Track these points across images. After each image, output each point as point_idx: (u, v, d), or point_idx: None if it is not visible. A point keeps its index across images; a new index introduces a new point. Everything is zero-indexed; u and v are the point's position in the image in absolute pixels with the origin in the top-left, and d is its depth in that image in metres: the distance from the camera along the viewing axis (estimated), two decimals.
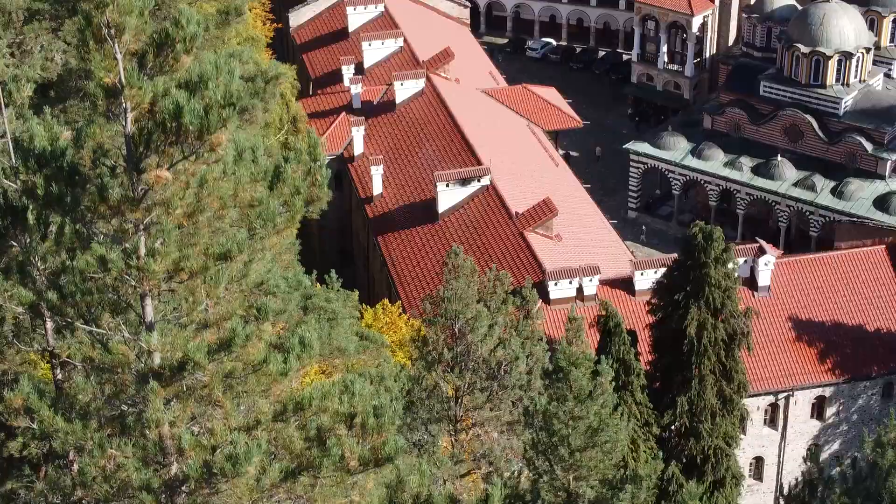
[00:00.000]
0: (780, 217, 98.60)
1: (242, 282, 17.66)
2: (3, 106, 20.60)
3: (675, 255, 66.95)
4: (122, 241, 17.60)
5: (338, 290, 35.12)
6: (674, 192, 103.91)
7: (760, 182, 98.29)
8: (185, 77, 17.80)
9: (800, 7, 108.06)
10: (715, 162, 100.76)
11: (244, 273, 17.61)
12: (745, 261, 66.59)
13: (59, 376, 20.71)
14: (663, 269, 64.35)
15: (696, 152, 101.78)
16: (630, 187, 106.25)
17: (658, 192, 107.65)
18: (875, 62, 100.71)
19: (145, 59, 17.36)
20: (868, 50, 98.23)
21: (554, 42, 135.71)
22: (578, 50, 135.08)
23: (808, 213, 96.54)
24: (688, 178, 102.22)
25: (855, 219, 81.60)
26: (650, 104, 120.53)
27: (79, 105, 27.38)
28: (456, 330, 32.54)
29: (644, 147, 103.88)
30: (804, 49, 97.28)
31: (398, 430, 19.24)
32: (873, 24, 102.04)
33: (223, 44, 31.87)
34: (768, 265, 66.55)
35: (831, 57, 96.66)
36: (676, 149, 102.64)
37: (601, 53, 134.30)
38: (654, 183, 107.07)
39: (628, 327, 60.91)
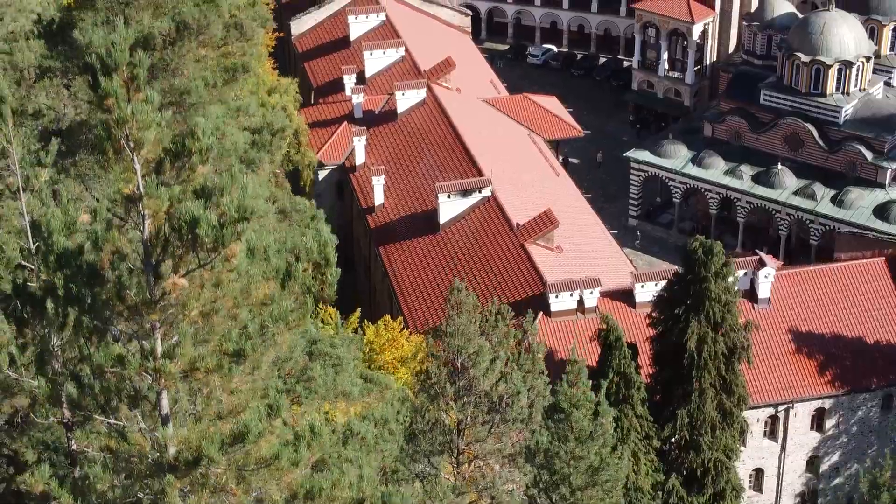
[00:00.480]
0: (780, 225, 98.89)
1: (255, 374, 17.97)
2: (21, 189, 20.94)
3: (676, 267, 67.47)
4: (139, 338, 18.02)
5: (342, 334, 35.37)
6: (674, 199, 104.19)
7: (761, 190, 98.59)
8: (200, 184, 18.14)
9: (800, 15, 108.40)
10: (715, 170, 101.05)
11: (257, 365, 17.92)
12: (746, 273, 66.89)
13: (77, 465, 21.01)
14: (664, 282, 64.64)
15: (696, 160, 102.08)
16: (630, 195, 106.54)
17: (659, 200, 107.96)
18: (875, 70, 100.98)
19: (162, 167, 17.70)
20: (868, 59, 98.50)
21: (555, 48, 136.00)
22: (579, 56, 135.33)
23: (808, 221, 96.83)
24: (688, 186, 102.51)
25: (855, 229, 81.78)
26: (651, 111, 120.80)
27: (88, 158, 27.71)
28: (458, 364, 32.86)
29: (645, 155, 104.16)
30: (804, 58, 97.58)
31: (400, 461, 19.52)
32: (873, 33, 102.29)
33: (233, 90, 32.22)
34: (768, 277, 66.84)
35: (831, 66, 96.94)
36: (677, 157, 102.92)
37: (602, 60, 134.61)
38: (654, 190, 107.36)
39: (629, 340, 61.29)
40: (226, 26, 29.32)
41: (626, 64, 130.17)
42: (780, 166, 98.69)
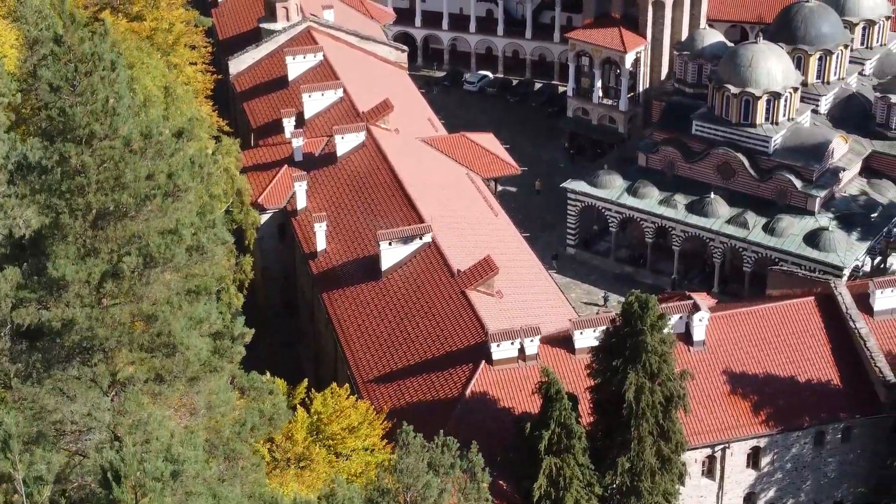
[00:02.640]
0: (714, 253, 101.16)
1: None
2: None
3: (613, 313, 69.30)
4: None
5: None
6: (611, 228, 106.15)
7: (694, 219, 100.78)
8: None
9: (729, 44, 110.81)
10: (650, 199, 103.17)
11: None
12: (681, 317, 68.70)
13: None
14: (602, 328, 66.41)
15: (631, 190, 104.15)
16: (568, 224, 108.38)
17: (595, 228, 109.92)
18: (802, 99, 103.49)
19: None
20: (795, 89, 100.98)
21: (490, 75, 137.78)
22: (515, 82, 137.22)
23: (741, 249, 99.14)
24: (624, 215, 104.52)
25: (786, 267, 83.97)
26: (586, 138, 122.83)
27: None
28: (408, 499, 34.18)
29: (581, 185, 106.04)
30: (734, 90, 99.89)
31: None
32: (800, 63, 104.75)
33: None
34: (703, 321, 68.74)
35: (760, 97, 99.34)
36: (612, 187, 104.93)
37: (537, 86, 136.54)
38: (592, 219, 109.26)
39: (570, 386, 63.07)
40: (188, 249, 30.44)
41: (560, 89, 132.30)
42: (712, 195, 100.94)
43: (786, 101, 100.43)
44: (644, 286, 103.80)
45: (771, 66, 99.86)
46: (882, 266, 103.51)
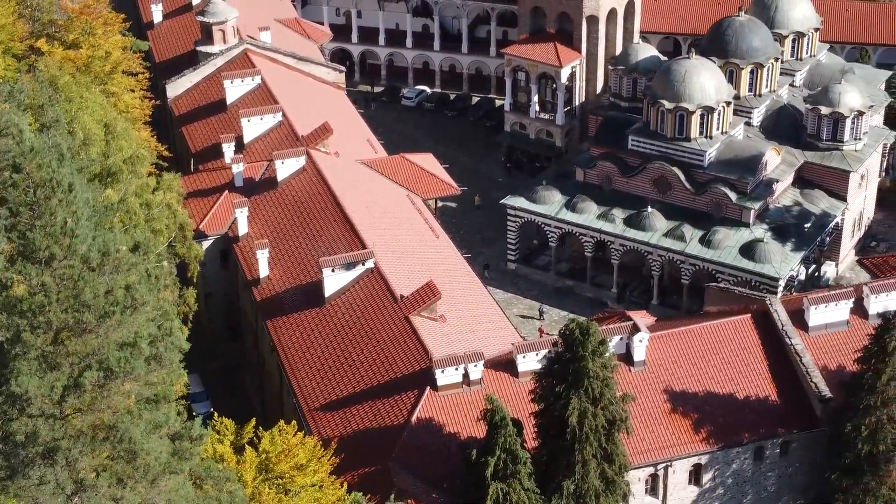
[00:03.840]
0: (653, 266, 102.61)
1: None
2: None
3: (554, 336, 70.35)
4: None
5: None
6: (550, 243, 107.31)
7: (632, 233, 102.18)
8: None
9: (663, 58, 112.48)
10: (588, 214, 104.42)
11: None
12: (621, 338, 69.85)
13: None
14: (544, 351, 67.56)
15: (570, 205, 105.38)
16: (508, 239, 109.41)
17: (535, 243, 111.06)
18: (735, 112, 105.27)
19: None
20: (728, 103, 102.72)
21: (428, 90, 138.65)
22: (452, 97, 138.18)
23: (679, 261, 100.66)
24: (563, 230, 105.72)
25: (723, 286, 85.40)
26: (524, 152, 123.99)
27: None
28: None
29: (520, 201, 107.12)
30: (668, 105, 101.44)
31: None
32: (732, 76, 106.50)
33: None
34: (643, 342, 69.94)
35: (694, 112, 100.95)
36: (551, 202, 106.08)
37: (475, 99, 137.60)
38: (532, 234, 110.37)
39: (514, 409, 64.08)
40: (147, 360, 30.96)
41: (498, 103, 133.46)
42: (650, 209, 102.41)
43: (719, 115, 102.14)
44: (584, 300, 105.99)
45: (703, 81, 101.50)
46: (816, 275, 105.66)
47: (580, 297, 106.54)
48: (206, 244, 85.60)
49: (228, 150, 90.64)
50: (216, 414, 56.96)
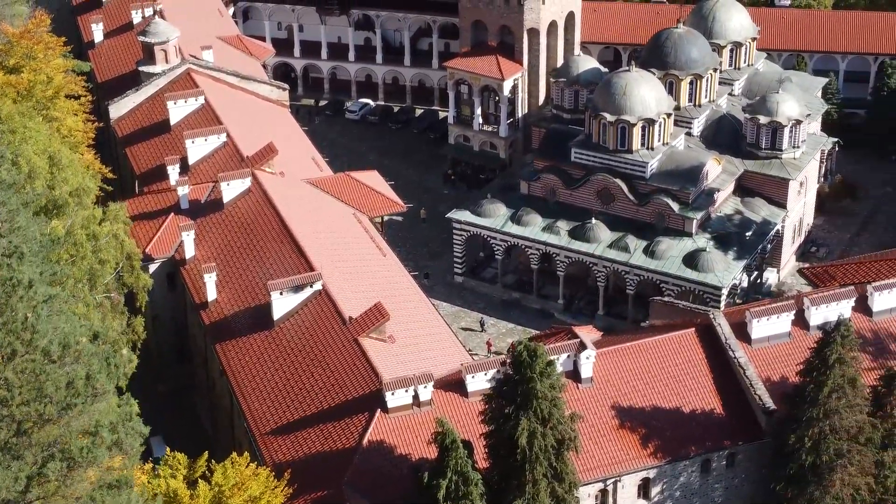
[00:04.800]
0: (598, 277, 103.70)
1: None
2: None
3: (503, 356, 71.25)
4: None
5: None
6: (496, 256, 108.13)
7: (577, 245, 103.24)
8: None
9: (604, 70, 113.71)
10: (534, 227, 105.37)
11: None
12: (569, 356, 70.67)
13: None
14: (493, 371, 68.30)
15: (515, 218, 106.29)
16: (455, 253, 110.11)
17: (482, 255, 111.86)
18: (676, 122, 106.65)
19: None
20: (669, 114, 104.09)
21: (372, 103, 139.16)
22: (396, 109, 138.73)
23: (623, 272, 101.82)
24: (509, 242, 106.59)
25: (667, 299, 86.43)
26: (468, 164, 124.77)
27: None
28: None
29: (465, 215, 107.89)
30: (610, 118, 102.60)
31: None
32: (672, 87, 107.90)
33: None
34: (590, 358, 70.77)
35: (635, 124, 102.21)
36: (496, 215, 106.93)
37: (418, 112, 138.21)
38: (478, 246, 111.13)
39: (465, 430, 64.71)
40: (109, 447, 31.25)
41: (441, 115, 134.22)
42: (594, 220, 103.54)
43: (660, 126, 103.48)
44: (531, 311, 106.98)
45: (644, 93, 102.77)
46: (758, 282, 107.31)
47: (527, 309, 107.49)
48: (153, 267, 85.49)
49: (173, 171, 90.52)
50: (168, 448, 57.10)
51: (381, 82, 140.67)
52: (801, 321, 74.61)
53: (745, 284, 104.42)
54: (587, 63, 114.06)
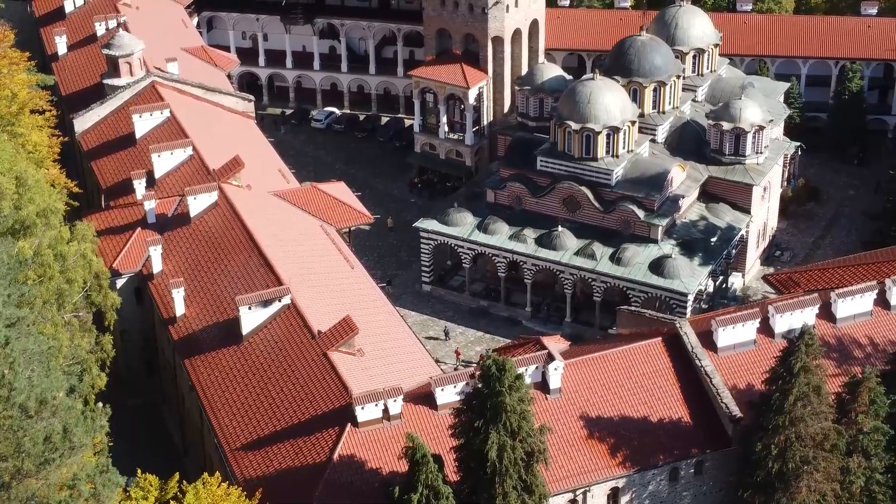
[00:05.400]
0: (565, 284, 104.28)
1: None
2: None
3: (471, 367, 71.66)
4: None
5: None
6: (464, 264, 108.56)
7: (544, 253, 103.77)
8: None
9: (568, 77, 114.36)
10: (500, 235, 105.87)
11: None
12: (537, 367, 71.15)
13: None
14: (461, 383, 68.72)
15: (482, 227, 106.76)
16: (422, 262, 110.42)
17: (449, 264, 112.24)
18: (640, 130, 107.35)
19: None
20: (633, 122, 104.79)
21: (337, 111, 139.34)
22: (362, 118, 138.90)
23: (590, 279, 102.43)
24: (476, 251, 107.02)
25: (633, 309, 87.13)
26: (435, 172, 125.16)
27: None
28: None
29: (432, 224, 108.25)
30: (575, 126, 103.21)
31: None
32: (636, 95, 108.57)
33: None
34: (558, 370, 71.26)
35: (600, 132, 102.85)
36: (463, 224, 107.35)
37: (384, 120, 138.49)
38: (445, 254, 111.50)
39: (434, 443, 65.21)
40: (86, 498, 31.39)
41: (407, 123, 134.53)
42: (560, 228, 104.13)
43: (624, 134, 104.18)
44: (499, 319, 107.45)
45: (608, 101, 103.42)
46: (724, 287, 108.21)
47: (495, 317, 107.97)
48: (120, 282, 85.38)
49: (139, 186, 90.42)
50: (139, 470, 57.12)
51: (346, 91, 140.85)
52: (766, 329, 75.36)
53: (710, 290, 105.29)
54: (551, 71, 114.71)
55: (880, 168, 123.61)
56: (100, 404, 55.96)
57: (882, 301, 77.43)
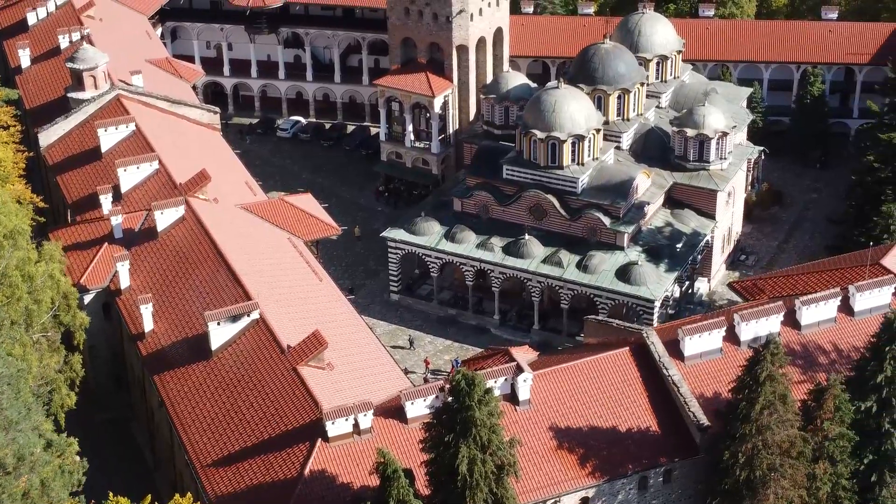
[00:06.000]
0: (533, 292, 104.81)
1: None
2: None
3: (440, 381, 71.99)
4: None
5: None
6: (432, 273, 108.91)
7: (511, 261, 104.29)
8: None
9: (533, 85, 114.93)
10: (468, 244, 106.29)
11: None
12: (506, 379, 71.58)
13: None
14: (431, 396, 69.08)
15: (449, 235, 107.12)
16: (390, 271, 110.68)
17: (417, 272, 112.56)
18: (605, 137, 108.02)
19: None
20: (598, 130, 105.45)
21: (303, 120, 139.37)
22: (328, 126, 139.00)
23: (557, 287, 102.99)
24: (444, 260, 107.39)
25: (601, 318, 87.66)
26: (401, 181, 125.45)
27: None
28: None
29: (400, 233, 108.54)
30: (540, 135, 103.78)
31: None
32: (600, 102, 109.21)
33: None
34: (527, 381, 71.72)
35: (565, 141, 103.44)
36: (430, 233, 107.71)
37: (350, 128, 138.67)
38: (413, 263, 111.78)
39: (405, 457, 65.65)
40: None
41: (373, 131, 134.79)
42: (527, 236, 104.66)
43: (590, 142, 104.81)
44: (468, 327, 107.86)
45: (573, 110, 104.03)
46: (690, 292, 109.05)
47: (463, 326, 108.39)
48: (88, 298, 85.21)
49: (106, 200, 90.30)
50: (111, 493, 57.08)
51: (311, 99, 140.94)
52: (732, 337, 76.05)
53: (676, 295, 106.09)
54: (516, 79, 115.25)
55: (842, 171, 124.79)
56: (77, 458, 55.71)
57: (846, 307, 78.30)
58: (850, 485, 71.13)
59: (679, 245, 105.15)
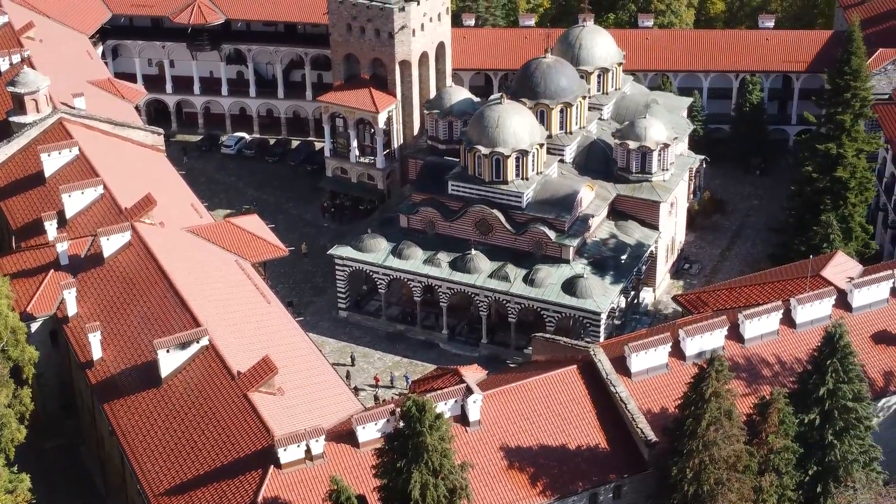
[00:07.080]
0: (480, 306, 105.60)
1: None
2: None
3: (391, 403, 72.52)
4: None
5: None
6: (379, 289, 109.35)
7: (458, 276, 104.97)
8: None
9: (476, 99, 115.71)
10: (415, 260, 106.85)
11: None
12: (456, 400, 72.21)
13: None
14: (383, 420, 69.60)
15: (396, 252, 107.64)
16: (338, 289, 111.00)
17: (365, 289, 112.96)
18: (549, 151, 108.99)
19: None
20: (542, 144, 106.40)
21: (247, 136, 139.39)
22: (272, 142, 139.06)
23: (505, 301, 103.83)
24: (391, 276, 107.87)
25: (548, 336, 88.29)
26: (347, 196, 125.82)
27: None
28: None
29: (347, 251, 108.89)
30: (484, 150, 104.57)
31: None
32: (543, 116, 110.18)
33: None
34: (476, 402, 72.40)
35: (509, 156, 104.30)
36: (377, 250, 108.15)
37: (294, 143, 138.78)
38: (360, 279, 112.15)
39: (357, 482, 66.18)
40: None
41: (318, 146, 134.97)
42: (473, 251, 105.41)
43: (533, 156, 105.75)
44: (417, 343, 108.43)
45: (516, 125, 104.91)
46: (635, 302, 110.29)
47: (412, 341, 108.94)
48: (35, 326, 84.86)
49: (51, 227, 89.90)
50: None
51: (255, 115, 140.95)
52: (677, 352, 77.15)
53: (622, 306, 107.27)
54: (459, 94, 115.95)
55: (782, 177, 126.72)
56: (28, 493, 55.15)
57: (788, 320, 79.70)
58: (796, 496, 72.56)
59: (623, 256, 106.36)
